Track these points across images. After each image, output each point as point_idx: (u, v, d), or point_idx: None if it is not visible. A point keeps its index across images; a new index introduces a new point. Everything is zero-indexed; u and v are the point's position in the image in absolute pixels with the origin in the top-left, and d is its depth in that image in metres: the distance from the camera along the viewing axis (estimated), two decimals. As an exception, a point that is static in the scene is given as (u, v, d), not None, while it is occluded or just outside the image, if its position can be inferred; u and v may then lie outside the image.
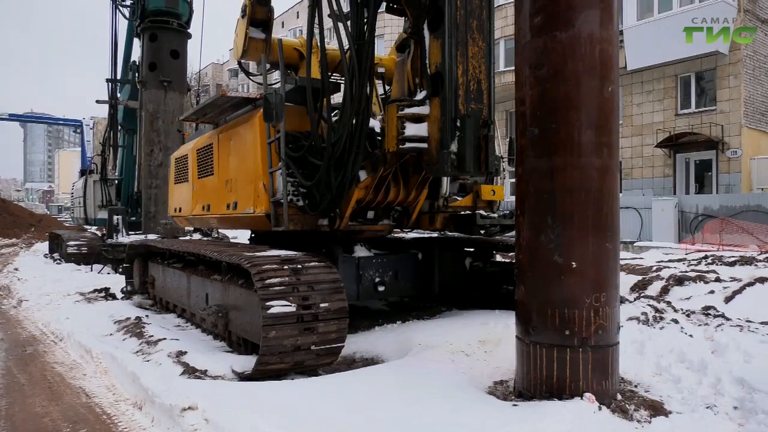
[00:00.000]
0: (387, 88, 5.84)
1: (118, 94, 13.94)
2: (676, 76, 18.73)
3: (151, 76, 11.92)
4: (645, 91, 19.49)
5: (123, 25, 13.95)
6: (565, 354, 2.90)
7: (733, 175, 17.42)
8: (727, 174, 17.58)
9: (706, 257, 8.88)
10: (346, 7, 4.27)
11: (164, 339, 4.73)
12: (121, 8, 13.10)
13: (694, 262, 8.42)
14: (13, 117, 52.56)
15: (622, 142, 18.98)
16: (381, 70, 5.35)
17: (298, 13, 42.94)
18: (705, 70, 18.22)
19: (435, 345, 4.10)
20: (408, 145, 3.97)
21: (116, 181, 14.19)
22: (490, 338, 4.18)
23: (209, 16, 12.15)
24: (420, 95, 4.08)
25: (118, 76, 13.97)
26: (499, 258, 6.20)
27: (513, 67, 3.31)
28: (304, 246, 4.62)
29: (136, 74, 12.93)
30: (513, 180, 3.49)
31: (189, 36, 12.55)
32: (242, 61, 5.59)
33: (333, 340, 3.73)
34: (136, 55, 13.71)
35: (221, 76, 58.53)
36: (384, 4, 4.39)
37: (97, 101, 14.35)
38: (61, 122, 58.03)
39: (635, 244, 14.81)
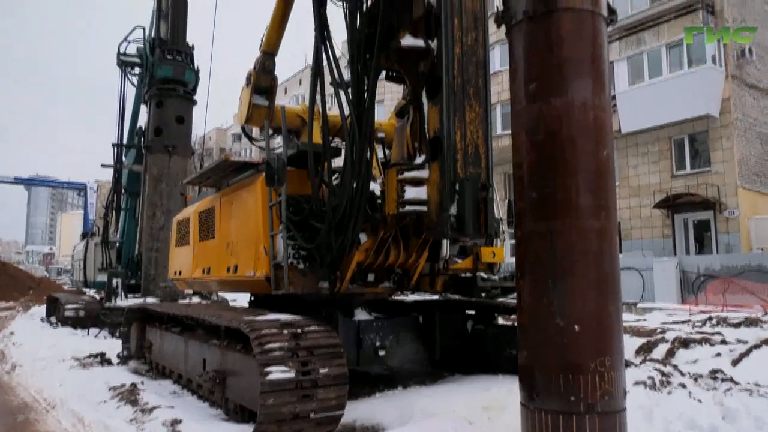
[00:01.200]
0: (387, 152, 5.95)
1: (124, 158, 14.20)
2: (669, 138, 19.10)
3: (156, 141, 12.18)
4: (640, 153, 19.82)
5: (131, 92, 14.34)
6: (571, 421, 2.82)
7: (732, 234, 17.45)
8: (726, 234, 17.61)
9: (710, 318, 8.78)
10: (346, 75, 4.43)
11: (159, 407, 4.61)
12: (130, 76, 13.54)
13: (699, 324, 8.32)
14: (18, 180, 53.29)
15: (620, 203, 19.13)
16: (381, 134, 5.48)
17: (300, 80, 44.29)
18: (698, 133, 18.60)
19: (437, 412, 3.99)
20: (408, 208, 4.01)
21: (117, 244, 14.22)
22: (494, 404, 4.07)
23: (215, 83, 12.53)
24: (419, 159, 4.16)
25: (124, 141, 14.27)
26: (501, 321, 6.13)
27: (510, 131, 3.40)
28: (303, 310, 4.59)
29: (142, 139, 13.22)
30: (513, 241, 3.51)
31: (195, 102, 12.91)
32: (246, 126, 5.73)
33: (332, 407, 3.64)
34: (142, 120, 14.08)
35: (225, 140, 59.71)
36: (384, 73, 4.55)
37: (103, 165, 14.60)
38: (65, 185, 58.78)
39: (638, 306, 14.65)
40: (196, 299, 11.04)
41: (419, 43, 4.06)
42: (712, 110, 17.65)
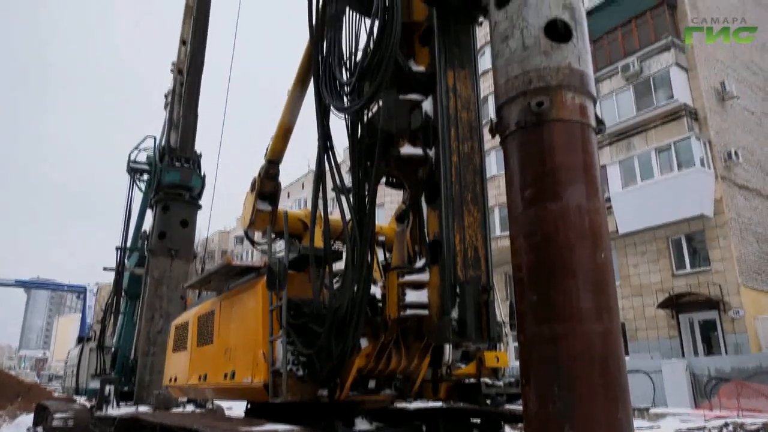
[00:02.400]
0: (387, 255, 6.01)
1: (126, 261, 14.28)
2: (667, 238, 19.30)
3: (159, 244, 12.30)
4: (639, 253, 19.93)
5: (136, 196, 14.71)
6: None
7: (740, 335, 17.14)
8: (733, 334, 17.30)
9: (727, 425, 8.41)
10: (348, 181, 4.58)
11: None
12: (137, 182, 13.96)
13: (716, 431, 7.96)
14: (19, 283, 53.18)
15: (623, 303, 18.96)
16: (381, 238, 5.57)
17: (303, 184, 45.53)
18: (694, 232, 18.82)
19: None
20: (409, 311, 3.99)
21: (113, 349, 13.93)
22: None
23: (220, 187, 12.92)
24: (419, 263, 4.20)
25: (128, 245, 14.42)
26: (508, 430, 5.88)
27: (508, 232, 3.47)
28: (301, 419, 4.42)
29: (146, 242, 13.37)
30: (516, 344, 3.46)
31: (199, 207, 13.20)
32: (249, 231, 5.83)
33: None
34: (146, 224, 14.32)
35: (227, 242, 60.26)
36: (384, 179, 4.71)
37: (105, 269, 14.64)
38: (65, 288, 58.54)
39: (650, 411, 14.07)
40: (190, 407, 10.63)
41: (418, 151, 4.24)
42: (706, 210, 17.98)
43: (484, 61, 14.33)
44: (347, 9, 4.37)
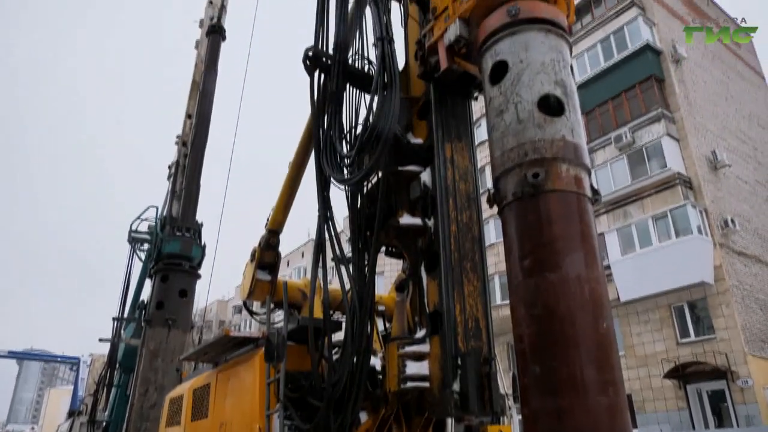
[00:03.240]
0: (387, 325, 5.95)
1: (122, 332, 14.06)
2: (669, 305, 19.13)
3: (157, 314, 12.16)
4: (642, 321, 19.70)
5: (135, 266, 14.68)
6: None
7: (750, 405, 16.65)
8: (743, 405, 16.81)
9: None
10: (347, 249, 4.60)
11: None
12: (138, 252, 13.97)
13: None
14: (11, 354, 52.07)
15: (628, 374, 18.53)
16: (381, 308, 5.53)
17: (303, 252, 45.54)
18: (696, 300, 18.68)
19: None
20: (410, 384, 3.91)
21: (104, 423, 13.47)
22: None
23: (220, 257, 12.94)
24: (420, 333, 4.16)
25: (125, 315, 14.25)
26: None
27: (508, 301, 3.45)
28: (299, 499, 4.23)
29: (143, 312, 13.23)
30: (520, 417, 3.37)
31: (199, 277, 13.15)
32: (248, 301, 5.80)
33: None
34: (144, 294, 14.21)
35: (225, 312, 59.51)
36: (383, 248, 4.73)
37: (101, 339, 14.40)
38: (58, 359, 57.29)
39: (663, 489, 13.46)
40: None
41: (417, 221, 4.29)
42: (707, 277, 17.93)
43: (481, 132, 14.73)
44: (348, 85, 4.54)
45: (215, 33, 14.33)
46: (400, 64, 4.44)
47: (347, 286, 4.37)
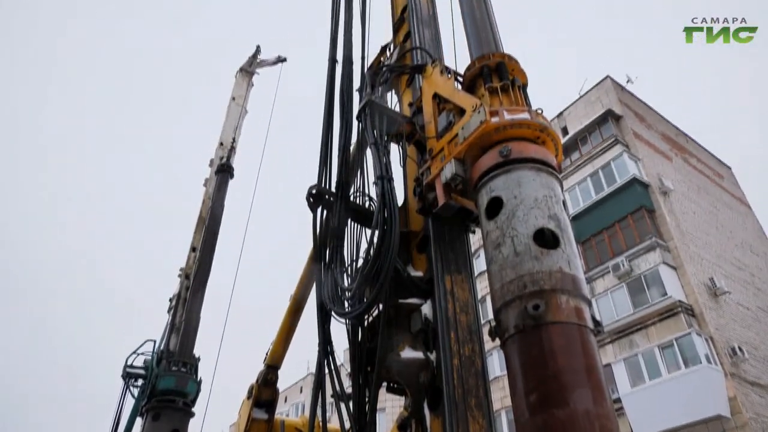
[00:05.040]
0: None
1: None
2: (687, 442, 18.10)
3: (146, 457, 11.44)
4: (660, 461, 18.49)
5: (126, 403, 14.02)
6: None
7: None
8: None
9: None
10: (348, 385, 4.48)
11: None
12: (131, 388, 13.45)
13: None
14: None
15: None
16: (383, 448, 5.25)
17: (301, 387, 43.75)
18: (715, 436, 17.71)
19: None
20: None
21: None
22: None
23: (216, 390, 12.45)
24: (425, 477, 3.92)
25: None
26: None
27: (517, 440, 3.30)
28: None
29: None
30: None
31: (192, 415, 12.54)
32: (242, 442, 5.52)
33: None
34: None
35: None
36: (384, 384, 4.61)
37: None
38: None
39: None
40: None
41: (419, 355, 4.23)
42: (722, 410, 17.15)
43: (480, 263, 14.88)
44: (349, 220, 4.71)
45: (224, 172, 15.04)
46: (400, 200, 4.65)
47: (347, 425, 4.19)
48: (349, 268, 4.55)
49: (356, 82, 5.89)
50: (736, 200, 30.53)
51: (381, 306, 4.21)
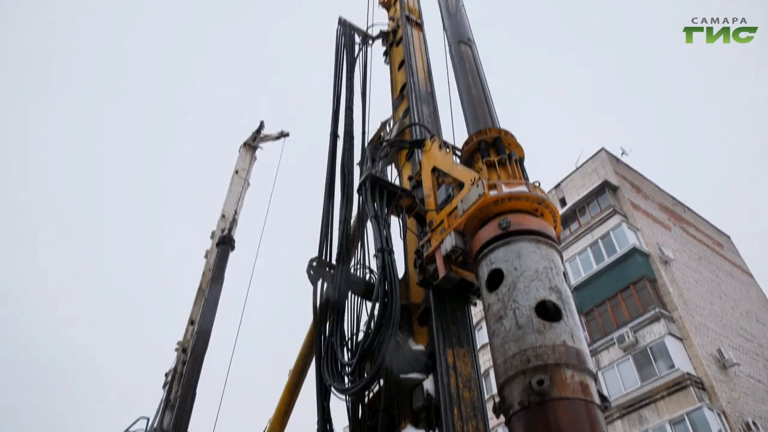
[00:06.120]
0: None
1: None
2: None
3: None
4: None
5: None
6: None
7: None
8: None
9: None
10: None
11: None
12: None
13: None
14: None
15: None
16: None
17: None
18: None
19: None
20: None
21: None
22: None
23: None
24: None
25: None
26: None
27: None
28: None
29: None
30: None
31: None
32: None
33: None
34: None
35: None
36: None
37: None
38: None
39: None
40: None
41: (421, 433, 4.10)
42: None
43: (482, 335, 14.63)
44: (349, 293, 4.69)
45: (225, 244, 15.07)
46: (400, 272, 4.65)
47: None
48: (349, 342, 4.48)
49: (357, 156, 6.04)
50: (737, 269, 30.41)
51: (382, 382, 4.12)
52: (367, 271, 4.73)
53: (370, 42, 8.02)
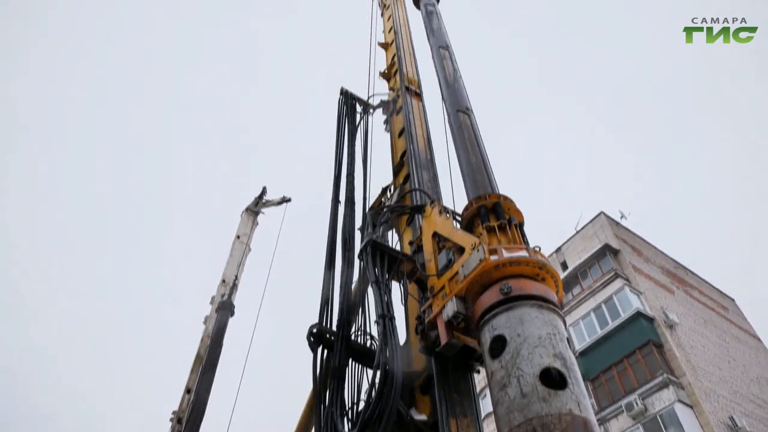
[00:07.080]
0: None
1: None
2: None
3: None
4: None
5: None
6: None
7: None
8: None
9: None
10: None
11: None
12: None
13: None
14: None
15: None
16: None
17: None
18: None
19: None
20: None
21: None
22: None
23: None
24: None
25: None
26: None
27: None
28: None
29: None
30: None
31: None
32: None
33: None
34: None
35: None
36: None
37: None
38: None
39: None
40: None
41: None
42: None
43: (486, 403, 14.20)
44: (350, 361, 4.61)
45: (225, 309, 14.92)
46: (401, 339, 4.58)
47: None
48: (350, 412, 4.36)
49: (358, 222, 6.09)
50: (744, 332, 29.89)
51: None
52: (368, 337, 4.67)
53: (371, 111, 8.26)
